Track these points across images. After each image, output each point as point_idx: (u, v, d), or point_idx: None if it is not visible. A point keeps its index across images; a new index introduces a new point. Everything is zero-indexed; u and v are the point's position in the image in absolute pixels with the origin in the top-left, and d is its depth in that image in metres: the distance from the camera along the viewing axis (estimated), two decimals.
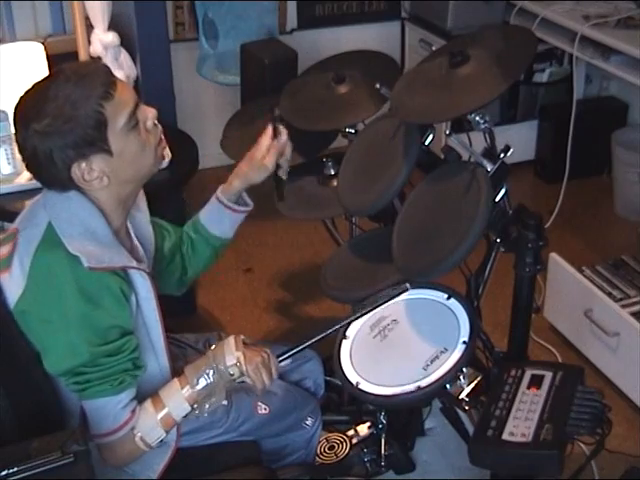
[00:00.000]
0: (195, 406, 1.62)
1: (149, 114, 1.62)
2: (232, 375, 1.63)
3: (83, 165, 1.54)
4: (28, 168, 1.59)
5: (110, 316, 1.55)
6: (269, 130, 1.91)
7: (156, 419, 1.61)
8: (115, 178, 1.58)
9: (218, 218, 1.94)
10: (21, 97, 1.56)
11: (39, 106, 1.50)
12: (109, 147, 1.55)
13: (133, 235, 1.76)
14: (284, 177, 1.95)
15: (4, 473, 1.30)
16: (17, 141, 1.55)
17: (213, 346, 1.67)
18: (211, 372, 1.62)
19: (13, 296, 1.57)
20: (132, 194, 1.68)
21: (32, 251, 1.55)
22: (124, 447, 1.61)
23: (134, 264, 1.60)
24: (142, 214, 1.81)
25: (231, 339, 1.66)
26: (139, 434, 1.60)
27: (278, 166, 1.92)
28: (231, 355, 1.62)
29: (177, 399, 1.62)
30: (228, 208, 1.93)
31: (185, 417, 1.64)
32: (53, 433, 1.40)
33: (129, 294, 1.60)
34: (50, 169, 1.54)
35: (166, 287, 1.93)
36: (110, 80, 1.55)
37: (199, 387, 1.62)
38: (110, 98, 1.53)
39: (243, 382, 1.66)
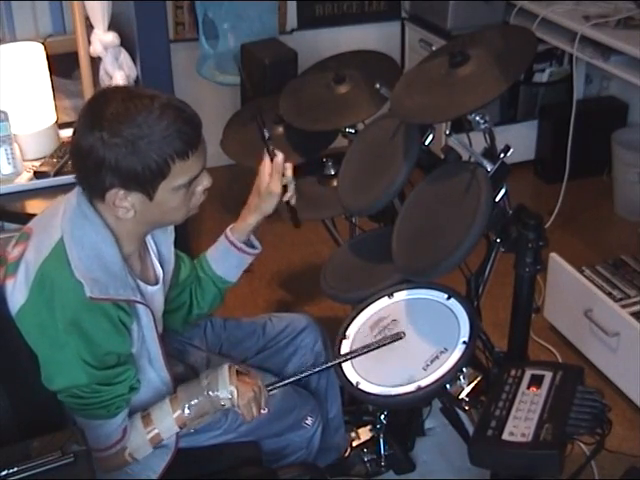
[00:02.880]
0: (184, 427, 1.67)
1: (205, 182, 1.61)
2: (223, 405, 1.68)
3: (121, 193, 1.52)
4: (72, 159, 1.56)
5: (108, 343, 1.55)
6: (265, 156, 1.89)
7: (145, 438, 1.64)
8: (141, 217, 1.58)
9: (224, 257, 1.93)
10: (108, 95, 1.51)
11: (120, 120, 1.46)
12: (153, 194, 1.54)
13: (153, 254, 1.75)
14: (292, 202, 1.92)
15: (4, 473, 1.30)
16: (76, 131, 1.51)
17: (206, 374, 1.70)
18: (203, 399, 1.66)
19: (15, 304, 1.57)
20: (149, 231, 1.68)
21: (39, 263, 1.55)
22: (113, 461, 1.63)
23: (138, 298, 1.59)
24: (167, 235, 1.80)
25: (225, 370, 1.69)
26: (128, 450, 1.63)
27: (285, 190, 1.89)
28: (225, 389, 1.66)
29: (167, 421, 1.65)
30: (235, 247, 1.92)
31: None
32: (53, 433, 1.40)
33: (130, 323, 1.59)
34: (91, 175, 1.51)
35: (172, 321, 1.92)
36: (196, 141, 1.53)
37: (190, 412, 1.66)
38: (185, 159, 1.52)
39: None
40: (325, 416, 2.07)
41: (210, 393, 1.66)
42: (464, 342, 1.76)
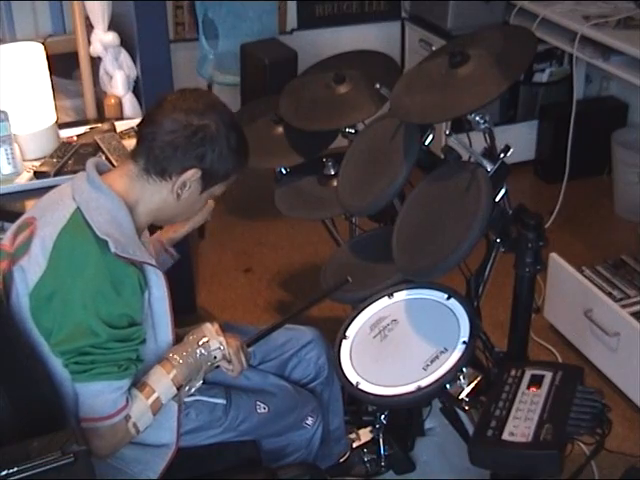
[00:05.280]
0: (180, 388, 1.69)
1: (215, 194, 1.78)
2: (215, 358, 1.71)
3: (197, 175, 1.63)
4: (151, 143, 1.62)
5: (125, 304, 1.57)
6: None
7: (147, 404, 1.64)
8: (175, 206, 1.69)
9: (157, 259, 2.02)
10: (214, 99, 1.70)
11: (234, 120, 1.68)
12: (206, 190, 1.69)
13: None
14: (209, 218, 2.07)
15: (4, 473, 1.30)
16: (183, 109, 1.63)
17: (191, 333, 1.72)
18: (194, 356, 1.69)
19: (32, 277, 1.58)
20: (150, 221, 1.73)
21: (56, 233, 1.58)
22: (116, 434, 1.61)
23: (153, 262, 1.64)
24: (146, 235, 1.84)
25: (209, 325, 1.74)
26: (132, 420, 1.62)
27: None
28: (214, 340, 1.71)
29: (165, 384, 1.65)
30: (169, 253, 2.03)
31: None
32: (53, 433, 1.40)
33: (144, 289, 1.62)
34: (189, 148, 1.61)
35: None
36: None
37: (184, 371, 1.67)
38: (238, 174, 1.73)
39: (217, 367, 1.74)
40: (327, 428, 2.07)
41: (201, 347, 1.69)
42: (464, 342, 1.76)
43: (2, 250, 1.70)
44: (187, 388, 1.70)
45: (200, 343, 1.70)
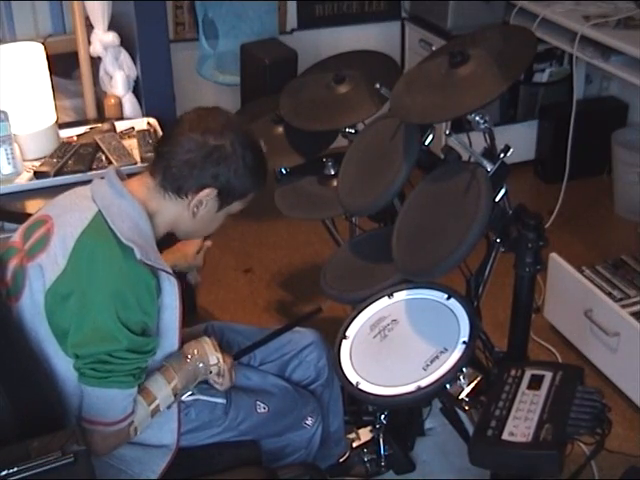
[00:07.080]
0: (175, 395, 1.71)
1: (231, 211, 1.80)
2: (211, 373, 1.75)
3: (213, 194, 1.66)
4: (168, 162, 1.64)
5: (143, 312, 1.58)
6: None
7: (148, 411, 1.66)
8: (191, 222, 1.71)
9: None
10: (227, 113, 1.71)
11: (249, 140, 1.69)
12: (223, 208, 1.72)
13: None
14: (193, 282, 2.10)
15: (4, 473, 1.30)
16: (203, 128, 1.64)
17: (189, 345, 1.75)
18: (193, 367, 1.72)
19: (49, 276, 1.59)
20: (168, 230, 1.74)
21: (77, 233, 1.58)
22: (119, 437, 1.63)
23: (170, 270, 1.64)
24: None
25: (207, 340, 1.77)
26: (135, 424, 1.64)
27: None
28: (213, 355, 1.75)
29: (166, 392, 1.68)
30: None
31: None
32: (53, 433, 1.40)
33: (158, 296, 1.63)
34: (207, 167, 1.64)
35: None
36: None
37: (183, 381, 1.70)
38: (257, 192, 1.75)
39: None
40: (327, 430, 2.08)
41: (199, 361, 1.73)
42: (464, 342, 1.76)
43: (12, 247, 1.70)
44: (184, 391, 1.73)
45: (200, 356, 1.73)
